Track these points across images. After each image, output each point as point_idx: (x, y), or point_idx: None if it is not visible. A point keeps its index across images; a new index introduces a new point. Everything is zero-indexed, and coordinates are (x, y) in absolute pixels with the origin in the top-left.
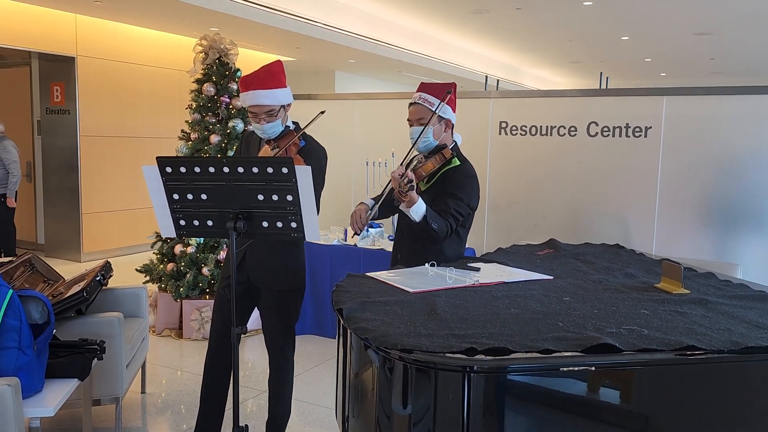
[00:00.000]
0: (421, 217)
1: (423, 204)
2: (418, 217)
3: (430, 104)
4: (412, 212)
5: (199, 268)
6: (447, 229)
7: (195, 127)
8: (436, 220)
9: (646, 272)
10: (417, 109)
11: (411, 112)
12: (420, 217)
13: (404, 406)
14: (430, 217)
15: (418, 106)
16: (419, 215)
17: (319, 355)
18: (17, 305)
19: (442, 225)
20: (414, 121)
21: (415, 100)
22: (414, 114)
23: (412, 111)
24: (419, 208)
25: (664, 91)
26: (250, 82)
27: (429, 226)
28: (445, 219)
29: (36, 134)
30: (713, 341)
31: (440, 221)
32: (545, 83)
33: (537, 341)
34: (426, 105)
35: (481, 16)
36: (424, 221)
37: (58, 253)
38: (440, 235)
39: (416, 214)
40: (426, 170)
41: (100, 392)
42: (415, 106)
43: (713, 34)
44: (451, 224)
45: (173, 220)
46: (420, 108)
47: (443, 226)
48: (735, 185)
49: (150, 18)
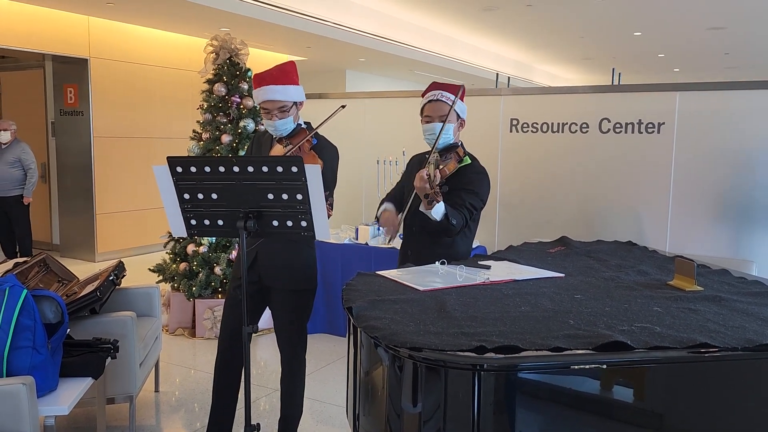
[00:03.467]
0: (442, 215)
1: (443, 203)
2: (438, 216)
3: (451, 102)
4: (434, 212)
5: (212, 268)
6: (463, 222)
7: (206, 127)
8: (455, 215)
9: (659, 269)
10: (439, 106)
11: (431, 109)
12: (440, 216)
13: (414, 404)
14: (451, 214)
15: (441, 104)
16: (440, 214)
17: (331, 354)
18: (31, 305)
19: (459, 219)
20: (435, 117)
21: (436, 97)
22: (435, 110)
23: (432, 107)
24: (440, 207)
25: (677, 86)
26: (263, 78)
27: (449, 222)
28: (461, 212)
29: (50, 135)
30: (727, 339)
31: (457, 216)
32: (557, 80)
33: (548, 339)
34: (448, 102)
35: (492, 13)
36: (445, 219)
37: (73, 253)
38: (457, 229)
39: (437, 214)
40: (450, 169)
41: (113, 391)
42: (436, 103)
43: (727, 28)
44: (466, 217)
45: (184, 219)
46: (443, 105)
47: (461, 219)
48: (749, 181)
49: (161, 19)
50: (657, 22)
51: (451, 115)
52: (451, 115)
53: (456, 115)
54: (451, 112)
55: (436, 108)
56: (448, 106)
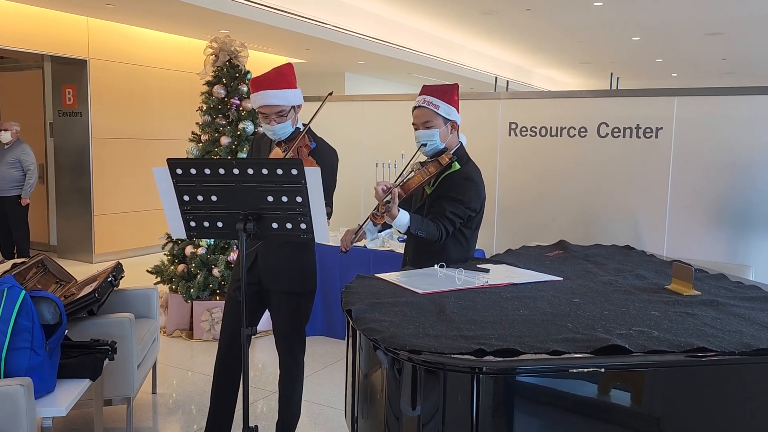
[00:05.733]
0: (405, 228)
1: (405, 215)
2: (402, 229)
3: (435, 107)
4: (395, 225)
5: (210, 269)
6: (439, 233)
7: (205, 128)
8: (422, 227)
9: (657, 273)
10: (422, 113)
11: (416, 116)
12: (404, 228)
13: (413, 407)
14: (415, 227)
15: (423, 109)
16: (403, 227)
17: (329, 356)
18: (30, 306)
19: (432, 230)
20: (420, 124)
21: (419, 103)
22: (419, 117)
23: (416, 114)
24: (401, 220)
25: (675, 91)
26: (260, 82)
27: (416, 234)
28: (439, 222)
29: (48, 136)
30: (724, 343)
31: (429, 226)
32: (555, 84)
33: (546, 342)
34: (431, 108)
35: (491, 17)
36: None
37: (70, 255)
38: (432, 240)
39: (400, 227)
40: (414, 183)
41: (111, 392)
42: (420, 110)
43: (725, 34)
44: (445, 226)
45: (183, 221)
46: (425, 111)
47: (433, 230)
48: (747, 186)
49: (161, 21)
50: (655, 27)
51: (437, 120)
52: (436, 120)
53: (442, 119)
54: (437, 118)
55: (419, 114)
56: (431, 111)
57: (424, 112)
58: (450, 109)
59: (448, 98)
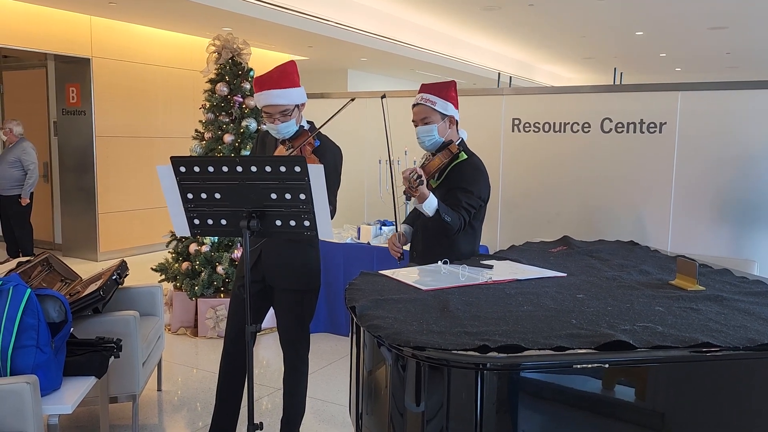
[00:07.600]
0: (434, 211)
1: (434, 198)
2: (431, 212)
3: (432, 103)
4: (425, 207)
5: (214, 267)
6: (460, 221)
7: (209, 126)
8: (449, 213)
9: (661, 269)
10: (420, 110)
11: (414, 113)
12: (433, 211)
13: (417, 403)
14: (443, 211)
15: (421, 107)
16: (432, 209)
17: (333, 353)
18: (35, 304)
19: (455, 218)
20: (418, 121)
21: (417, 101)
22: (418, 114)
23: (415, 111)
24: (431, 202)
25: (678, 86)
26: (263, 82)
27: (442, 219)
28: (458, 212)
29: (52, 135)
30: (728, 338)
31: (453, 214)
32: (558, 79)
33: (550, 338)
34: (428, 105)
35: (494, 12)
36: (438, 215)
37: (75, 253)
38: (454, 228)
39: (429, 209)
40: (434, 166)
41: (116, 390)
42: (418, 107)
43: (728, 28)
44: (463, 216)
45: (187, 219)
46: (423, 108)
47: (456, 218)
48: (751, 180)
49: (163, 19)
50: (659, 21)
51: (434, 116)
52: (433, 116)
53: (440, 114)
54: (434, 114)
55: (419, 112)
56: (429, 108)
57: (421, 109)
58: (447, 104)
59: (445, 94)
